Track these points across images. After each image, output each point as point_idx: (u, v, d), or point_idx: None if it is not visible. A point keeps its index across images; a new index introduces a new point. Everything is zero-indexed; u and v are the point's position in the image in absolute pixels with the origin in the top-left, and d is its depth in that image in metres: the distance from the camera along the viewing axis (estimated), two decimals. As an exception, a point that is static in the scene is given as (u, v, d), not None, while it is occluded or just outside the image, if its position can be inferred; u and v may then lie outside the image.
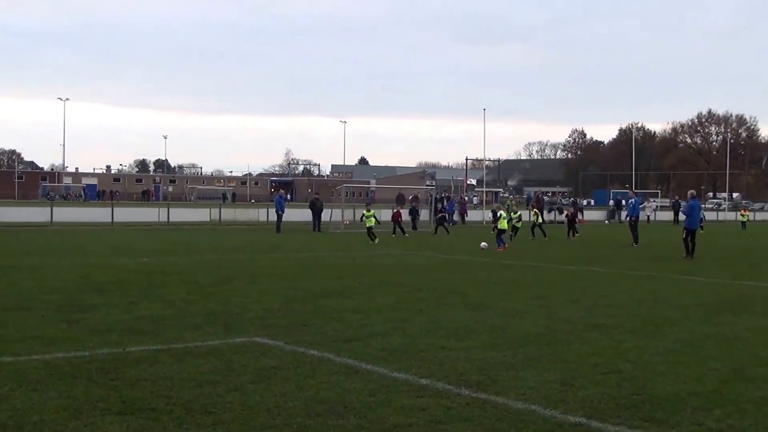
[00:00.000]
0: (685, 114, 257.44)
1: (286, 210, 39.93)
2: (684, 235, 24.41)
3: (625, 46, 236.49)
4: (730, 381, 8.01)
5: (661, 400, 7.18)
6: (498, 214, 29.43)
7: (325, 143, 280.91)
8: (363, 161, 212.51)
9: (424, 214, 45.59)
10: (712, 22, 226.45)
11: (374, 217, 31.34)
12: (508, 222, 29.00)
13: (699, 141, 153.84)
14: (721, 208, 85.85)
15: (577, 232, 36.40)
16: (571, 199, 79.27)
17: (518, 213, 32.93)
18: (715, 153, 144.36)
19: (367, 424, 6.40)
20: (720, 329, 11.18)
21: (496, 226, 28.35)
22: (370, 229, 30.80)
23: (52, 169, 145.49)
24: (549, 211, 54.95)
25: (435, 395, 7.26)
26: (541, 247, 28.87)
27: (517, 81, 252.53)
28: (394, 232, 35.17)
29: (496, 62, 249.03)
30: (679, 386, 7.69)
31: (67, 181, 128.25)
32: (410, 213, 45.93)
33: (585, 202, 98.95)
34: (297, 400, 7.00)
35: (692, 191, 27.02)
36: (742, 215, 52.18)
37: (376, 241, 30.00)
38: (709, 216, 57.32)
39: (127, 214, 45.58)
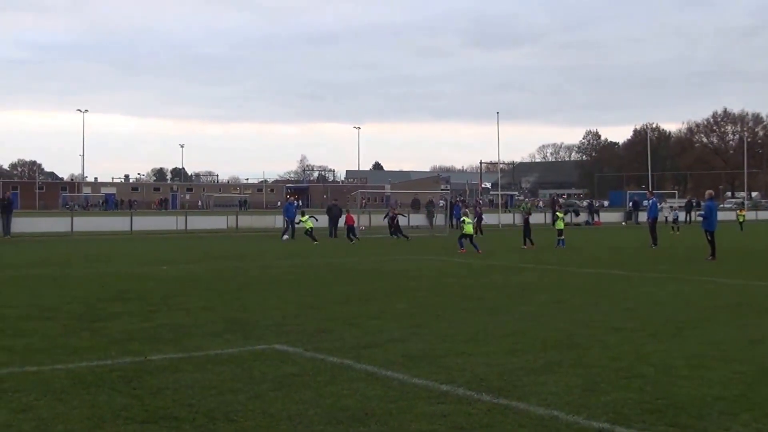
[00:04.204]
0: (701, 113, 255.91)
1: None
2: (708, 237, 24.22)
3: (638, 47, 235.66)
4: (756, 384, 7.91)
5: (685, 405, 7.11)
6: (462, 219, 29.62)
7: (340, 149, 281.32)
8: (377, 166, 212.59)
9: (439, 219, 45.54)
10: (726, 22, 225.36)
11: (311, 219, 34.41)
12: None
13: (715, 140, 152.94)
14: (745, 207, 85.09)
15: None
16: (587, 201, 78.88)
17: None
18: (731, 152, 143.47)
19: (388, 431, 6.38)
20: (745, 331, 11.07)
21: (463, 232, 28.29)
22: (309, 231, 33.60)
23: (72, 180, 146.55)
24: (565, 213, 54.71)
25: (456, 401, 7.23)
26: (557, 251, 28.75)
27: (531, 84, 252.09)
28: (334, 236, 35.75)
29: (510, 65, 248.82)
30: (704, 390, 7.62)
31: (87, 190, 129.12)
32: (427, 217, 46.01)
33: (599, 204, 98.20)
34: (318, 408, 7.00)
35: (710, 191, 26.78)
36: (739, 214, 48.72)
37: (316, 243, 32.06)
38: (730, 216, 56.52)
39: (145, 222, 45.74)
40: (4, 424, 6.48)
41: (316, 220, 35.88)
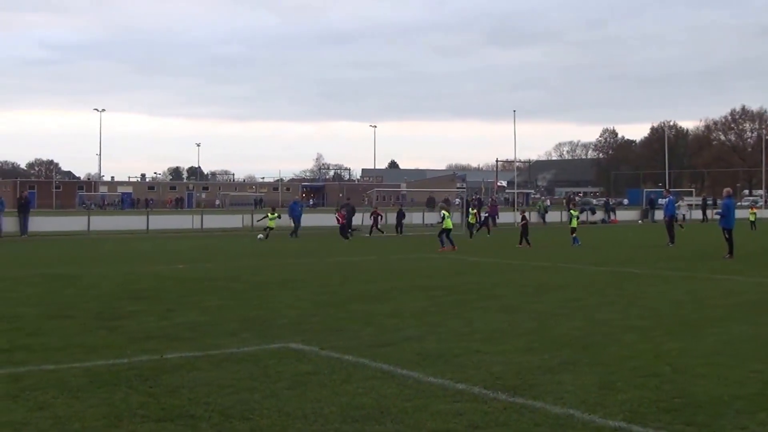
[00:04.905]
0: (718, 111, 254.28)
1: (316, 215, 40.25)
2: (726, 235, 24.07)
3: (655, 45, 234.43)
4: (772, 383, 7.86)
5: (702, 404, 7.07)
6: (442, 215, 29.60)
7: (355, 147, 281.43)
8: (393, 165, 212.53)
9: (455, 217, 45.41)
10: (744, 18, 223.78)
11: (276, 219, 36.49)
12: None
13: (733, 138, 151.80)
14: (758, 205, 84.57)
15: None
16: (603, 199, 78.46)
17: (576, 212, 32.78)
18: (749, 150, 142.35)
19: (404, 429, 6.38)
20: (762, 330, 11.00)
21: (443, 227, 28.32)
22: (270, 229, 35.56)
23: (89, 179, 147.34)
24: (581, 212, 54.55)
25: (471, 400, 7.22)
26: (573, 249, 28.64)
27: (548, 81, 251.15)
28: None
29: (527, 63, 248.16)
30: (720, 389, 7.58)
31: (103, 190, 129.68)
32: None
33: (615, 201, 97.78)
34: (333, 406, 7.01)
35: (728, 189, 26.62)
36: (751, 213, 45.69)
37: (263, 237, 34.26)
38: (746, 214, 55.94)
39: (161, 221, 45.86)
40: (22, 422, 6.53)
41: (279, 217, 37.39)
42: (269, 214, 36.92)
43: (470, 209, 41.25)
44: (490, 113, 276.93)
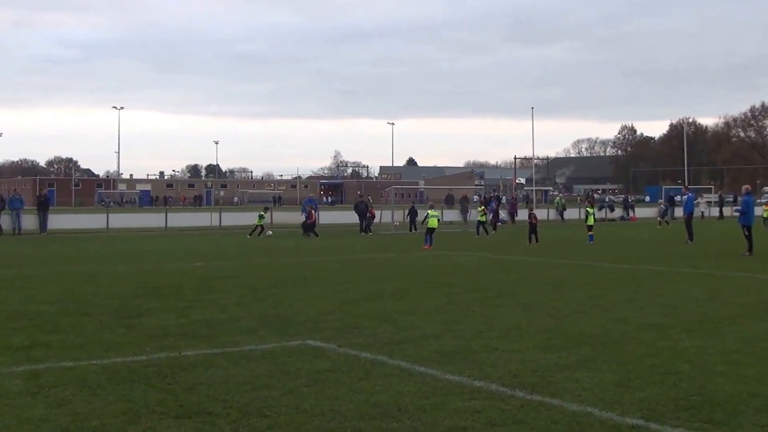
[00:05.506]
0: (738, 108, 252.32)
1: (334, 212, 40.17)
2: (746, 232, 23.91)
3: (674, 41, 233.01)
4: (792, 381, 7.80)
5: (721, 402, 7.03)
6: (426, 214, 29.48)
7: (374, 145, 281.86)
8: (411, 162, 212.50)
9: (474, 215, 45.31)
10: (762, 15, 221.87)
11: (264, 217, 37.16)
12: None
13: (753, 135, 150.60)
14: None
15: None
16: (622, 196, 78.12)
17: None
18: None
19: (421, 427, 6.39)
20: (780, 327, 10.92)
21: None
22: (260, 228, 36.14)
23: (108, 176, 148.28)
24: (600, 209, 54.34)
25: (489, 397, 7.21)
26: (590, 246, 28.53)
27: (566, 78, 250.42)
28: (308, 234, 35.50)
29: (545, 60, 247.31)
30: (739, 387, 7.53)
31: (122, 187, 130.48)
32: (461, 212, 45.89)
33: (633, 198, 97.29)
34: (351, 403, 7.02)
35: (747, 186, 26.46)
36: (765, 209, 42.89)
37: (265, 234, 35.32)
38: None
39: (180, 219, 46.12)
40: (41, 419, 6.58)
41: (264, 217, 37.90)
42: (262, 212, 37.83)
43: (478, 207, 41.01)
44: (508, 110, 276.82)
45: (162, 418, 6.62)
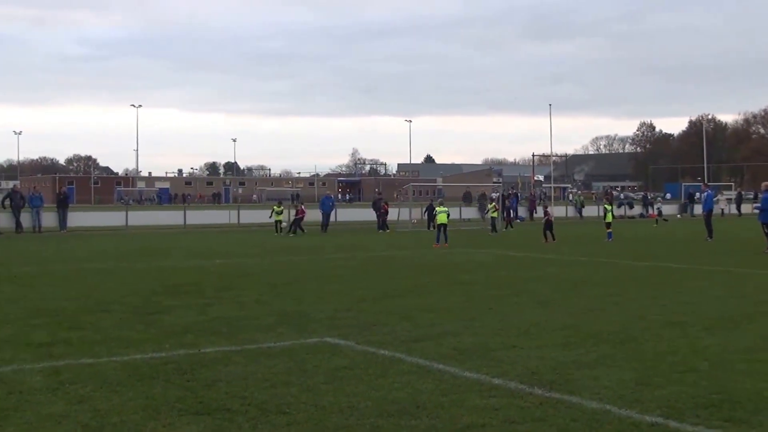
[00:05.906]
0: (758, 104, 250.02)
1: (352, 209, 40.18)
2: (765, 230, 23.69)
3: (692, 37, 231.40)
4: (813, 379, 7.74)
5: (741, 400, 6.98)
6: (434, 209, 29.30)
7: (392, 142, 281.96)
8: (429, 159, 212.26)
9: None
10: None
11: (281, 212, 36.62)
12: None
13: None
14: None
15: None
16: (643, 193, 77.60)
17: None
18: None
19: (439, 424, 6.38)
20: (801, 325, 10.83)
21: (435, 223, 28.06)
22: (279, 222, 35.95)
23: (126, 174, 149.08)
24: (619, 206, 54.11)
25: (508, 395, 7.20)
26: (609, 244, 28.39)
27: (584, 75, 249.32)
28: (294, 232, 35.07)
29: (565, 57, 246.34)
30: (760, 385, 7.47)
31: (141, 185, 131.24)
32: (479, 210, 45.79)
33: (653, 195, 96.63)
34: (369, 401, 7.03)
35: (766, 183, 26.18)
36: None
37: (291, 234, 34.31)
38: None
39: (198, 216, 46.31)
40: (62, 415, 6.63)
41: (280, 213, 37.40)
42: (275, 207, 37.02)
43: (490, 203, 40.74)
44: (526, 107, 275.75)
45: (181, 414, 6.66)
